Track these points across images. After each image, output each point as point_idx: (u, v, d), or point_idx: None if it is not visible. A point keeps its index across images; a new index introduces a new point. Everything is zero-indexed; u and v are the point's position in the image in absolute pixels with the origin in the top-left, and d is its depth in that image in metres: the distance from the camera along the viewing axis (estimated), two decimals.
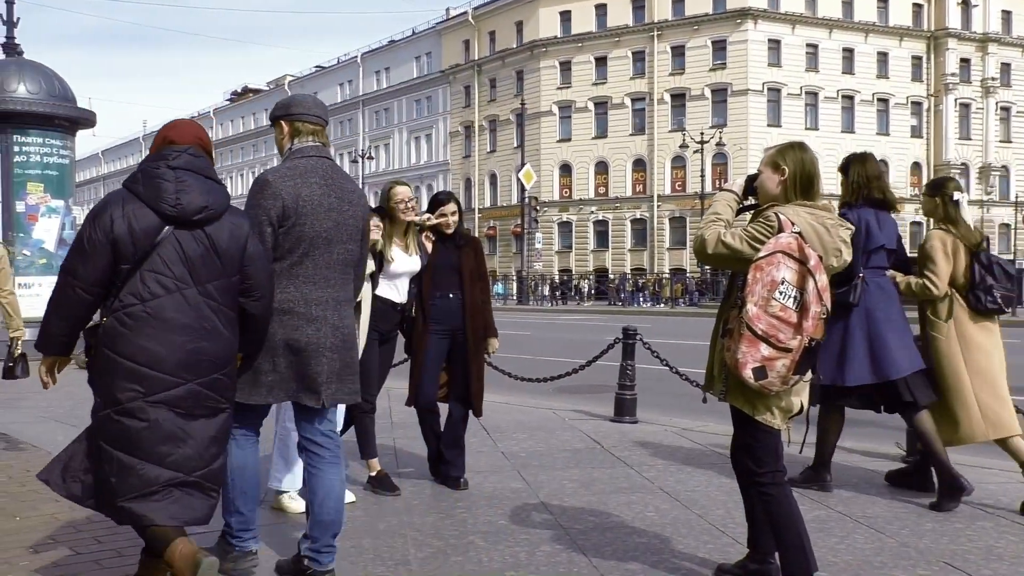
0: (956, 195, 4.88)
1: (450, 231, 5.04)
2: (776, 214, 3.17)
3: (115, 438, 2.88)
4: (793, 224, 3.13)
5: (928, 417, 4.72)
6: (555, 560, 3.75)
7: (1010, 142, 54.08)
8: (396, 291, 4.97)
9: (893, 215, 4.93)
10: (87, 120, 13.36)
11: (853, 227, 3.37)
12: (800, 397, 3.25)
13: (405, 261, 4.93)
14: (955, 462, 4.75)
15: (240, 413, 3.27)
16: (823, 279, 3.07)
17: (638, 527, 4.27)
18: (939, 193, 4.94)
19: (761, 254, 3.07)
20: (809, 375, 3.16)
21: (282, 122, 3.47)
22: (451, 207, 5.03)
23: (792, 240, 3.07)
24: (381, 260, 4.83)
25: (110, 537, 3.90)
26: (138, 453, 2.86)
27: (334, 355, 3.33)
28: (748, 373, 3.05)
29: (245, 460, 3.39)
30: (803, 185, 3.26)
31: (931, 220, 5.05)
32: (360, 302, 4.70)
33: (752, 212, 3.37)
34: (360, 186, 4.71)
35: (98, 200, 3.09)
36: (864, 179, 4.88)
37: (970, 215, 5.20)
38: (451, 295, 5.02)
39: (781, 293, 3.02)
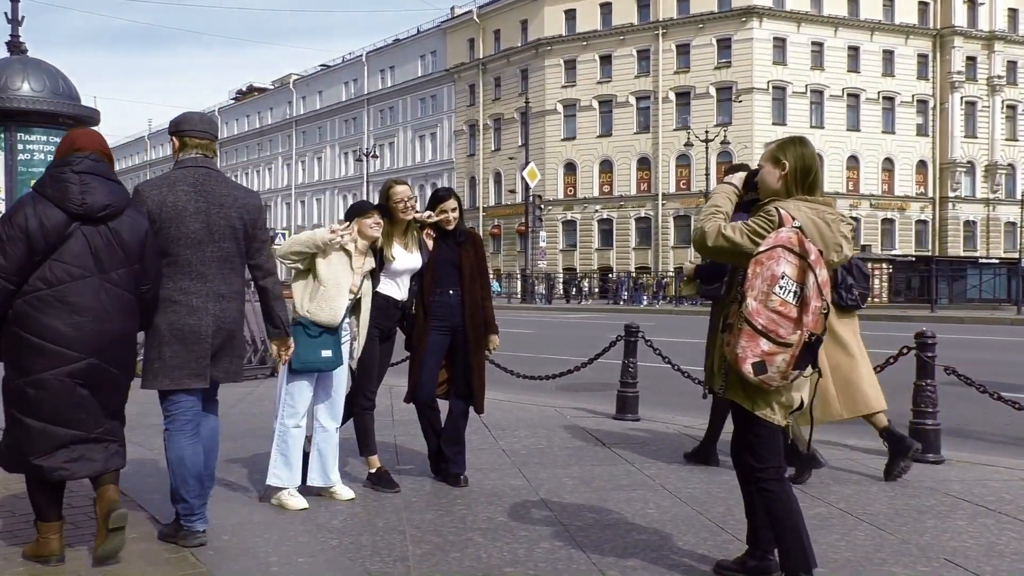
0: None
1: (451, 227, 5.04)
2: (777, 209, 3.16)
3: (25, 406, 3.33)
4: (794, 219, 3.11)
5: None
6: (554, 557, 3.74)
7: (1016, 140, 53.89)
8: (397, 288, 4.98)
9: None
10: (91, 118, 13.30)
11: (853, 223, 3.36)
12: (800, 393, 3.23)
13: (405, 259, 4.93)
14: (960, 460, 4.73)
15: (167, 409, 3.75)
16: (823, 274, 3.05)
17: (638, 524, 4.26)
18: None
19: (761, 248, 3.06)
20: (809, 370, 3.14)
21: (173, 137, 3.92)
22: (451, 203, 5.02)
23: (793, 235, 3.05)
24: (382, 258, 4.83)
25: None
26: (45, 417, 3.31)
27: (216, 342, 3.75)
28: (748, 368, 3.04)
29: (182, 452, 3.73)
30: (803, 180, 3.25)
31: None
32: (360, 299, 4.71)
33: (753, 207, 3.36)
34: (369, 186, 4.73)
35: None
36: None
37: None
38: (451, 291, 5.01)
39: (781, 288, 3.00)
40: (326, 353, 4.54)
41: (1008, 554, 3.80)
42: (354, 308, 4.71)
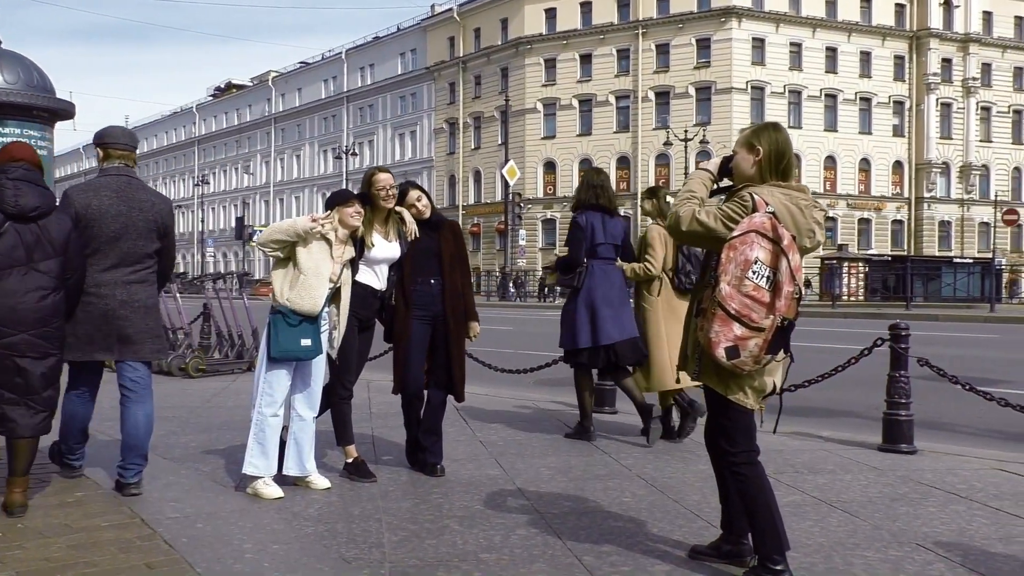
0: (668, 198, 6.29)
1: (426, 215, 5.02)
2: (751, 194, 3.17)
3: None
4: (767, 204, 3.12)
5: (630, 378, 6.11)
6: (530, 543, 3.74)
7: (990, 142, 54.53)
8: (376, 277, 4.95)
9: (618, 218, 6.25)
10: (66, 111, 13.16)
11: (826, 209, 3.40)
12: (773, 377, 3.25)
13: (385, 248, 4.90)
14: (933, 451, 4.77)
15: (72, 378, 4.42)
16: (796, 259, 3.06)
17: (614, 511, 4.28)
18: (655, 196, 6.38)
19: (735, 233, 3.06)
20: (781, 355, 3.16)
21: (98, 148, 4.50)
22: (415, 194, 5.02)
23: (766, 220, 3.06)
24: (362, 246, 4.82)
25: None
26: None
27: (122, 323, 4.27)
28: (721, 352, 3.05)
29: (75, 411, 4.46)
30: (777, 165, 3.26)
31: (648, 218, 6.43)
32: (340, 288, 4.69)
33: (727, 193, 3.38)
34: (345, 184, 4.78)
35: None
36: (589, 187, 6.17)
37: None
38: (432, 280, 4.99)
39: (754, 273, 3.01)
40: (305, 342, 4.52)
41: (978, 539, 3.85)
42: (334, 297, 4.69)
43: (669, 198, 6.21)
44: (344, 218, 4.65)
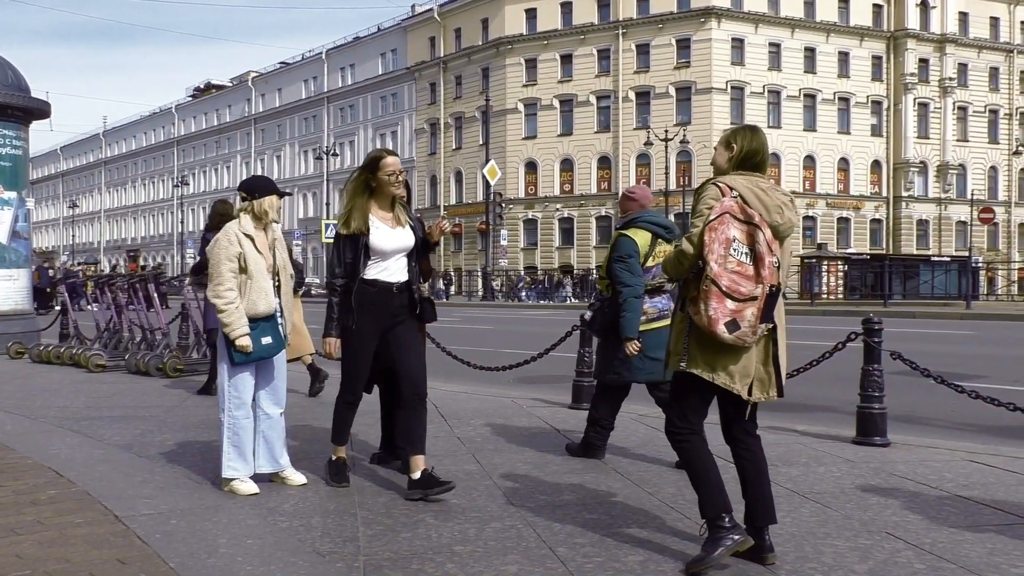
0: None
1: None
2: (714, 184, 3.37)
3: None
4: (732, 189, 3.33)
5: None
6: (504, 536, 3.76)
7: (967, 141, 55.07)
8: (387, 271, 4.48)
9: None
10: (41, 111, 13.14)
11: (790, 206, 3.49)
12: (751, 361, 3.36)
13: (392, 237, 4.47)
14: (905, 443, 4.82)
15: None
16: (769, 233, 3.26)
17: (589, 504, 4.30)
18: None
19: (711, 217, 3.26)
20: (772, 323, 3.32)
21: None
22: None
23: (733, 203, 3.28)
24: (357, 244, 4.41)
25: None
26: None
27: None
28: (722, 328, 3.20)
29: None
30: (746, 161, 3.46)
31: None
32: (279, 273, 4.64)
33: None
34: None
35: (58, 195, 3.59)
36: None
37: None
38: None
39: (735, 250, 3.23)
40: (266, 340, 4.55)
41: (947, 527, 3.90)
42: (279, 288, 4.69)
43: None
44: (264, 207, 4.61)
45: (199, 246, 8.53)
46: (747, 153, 3.45)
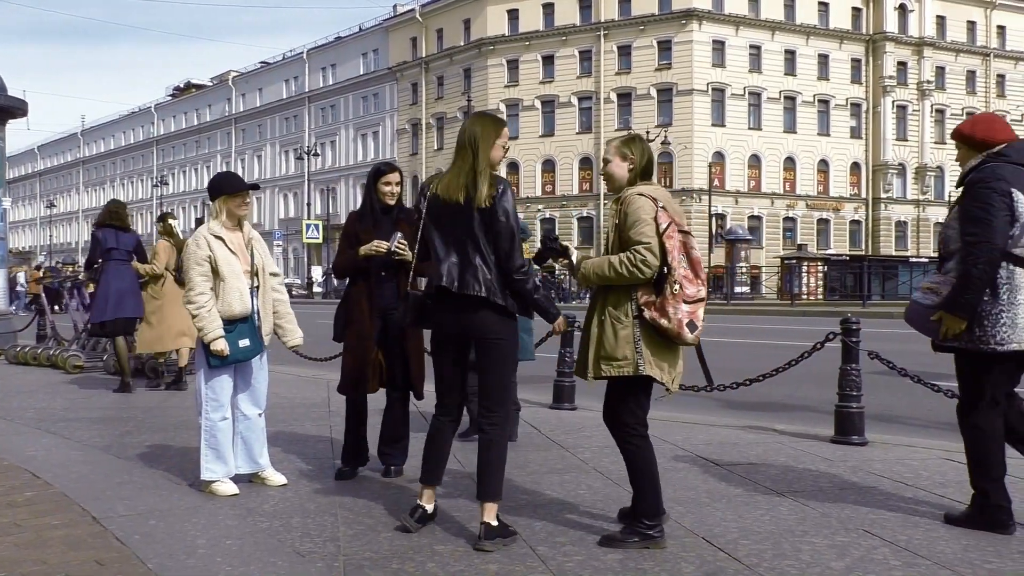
0: (172, 221, 9.19)
1: (392, 202, 4.79)
2: (640, 195, 3.53)
3: None
4: (657, 199, 3.52)
5: (122, 341, 8.64)
6: None
7: (944, 143, 55.49)
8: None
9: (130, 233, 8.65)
10: (18, 109, 13.02)
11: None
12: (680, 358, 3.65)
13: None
14: (883, 442, 4.84)
15: None
16: (690, 239, 3.54)
17: (570, 504, 4.32)
18: (163, 221, 9.12)
19: (663, 226, 3.45)
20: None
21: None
22: (395, 177, 4.80)
23: (663, 214, 3.49)
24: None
25: None
26: None
27: None
28: (687, 332, 3.44)
29: None
30: (646, 170, 3.66)
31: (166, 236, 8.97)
32: (258, 273, 4.59)
33: (614, 199, 3.69)
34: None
35: (35, 195, 3.45)
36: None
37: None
38: (383, 273, 4.77)
39: (682, 256, 3.49)
40: (244, 343, 4.48)
41: (923, 524, 3.94)
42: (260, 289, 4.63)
43: (172, 220, 9.18)
44: (231, 209, 4.58)
45: (91, 244, 8.86)
46: (647, 162, 3.66)
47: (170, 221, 9.15)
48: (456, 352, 3.80)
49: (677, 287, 3.39)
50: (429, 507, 3.81)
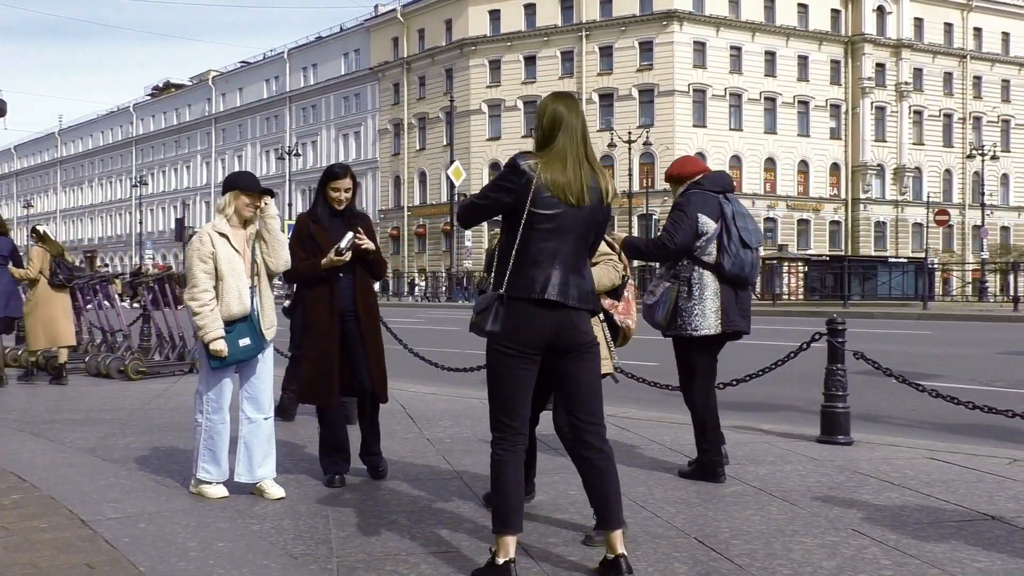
0: (43, 228, 9.86)
1: (341, 207, 4.73)
2: None
3: None
4: None
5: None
6: (477, 536, 3.77)
7: (922, 144, 56.15)
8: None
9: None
10: None
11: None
12: None
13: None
14: (868, 441, 4.89)
15: None
16: None
17: (561, 504, 4.33)
18: (35, 232, 9.73)
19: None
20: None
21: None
22: (346, 183, 4.72)
23: None
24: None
25: None
26: None
27: None
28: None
29: None
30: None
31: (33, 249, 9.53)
32: (259, 274, 4.55)
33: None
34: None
35: (11, 195, 3.30)
36: None
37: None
38: (340, 275, 4.68)
39: None
40: (245, 342, 4.40)
41: (911, 523, 3.98)
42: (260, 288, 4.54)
43: (42, 228, 9.85)
44: (239, 208, 4.47)
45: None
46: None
47: (40, 230, 9.81)
48: (539, 365, 3.28)
49: (630, 287, 3.81)
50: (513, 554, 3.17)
